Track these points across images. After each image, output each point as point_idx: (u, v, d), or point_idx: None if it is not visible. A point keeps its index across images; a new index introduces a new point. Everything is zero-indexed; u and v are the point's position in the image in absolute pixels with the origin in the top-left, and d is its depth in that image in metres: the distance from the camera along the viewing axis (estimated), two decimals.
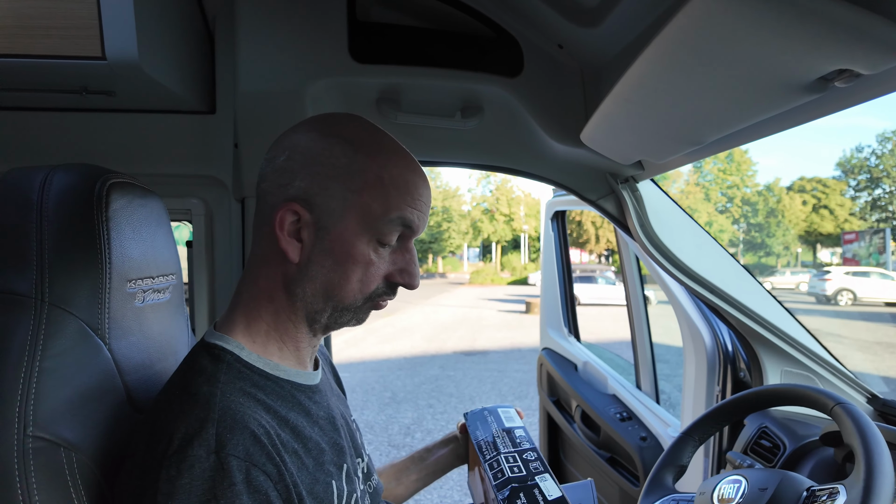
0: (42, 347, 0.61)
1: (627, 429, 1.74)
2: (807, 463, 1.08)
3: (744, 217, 38.10)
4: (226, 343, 0.66)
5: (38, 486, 0.56)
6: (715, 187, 38.75)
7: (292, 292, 0.68)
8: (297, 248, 0.66)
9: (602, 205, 1.33)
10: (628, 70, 0.75)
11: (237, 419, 0.58)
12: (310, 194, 0.65)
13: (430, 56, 1.12)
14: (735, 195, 38.29)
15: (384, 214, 0.66)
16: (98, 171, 0.71)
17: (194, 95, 1.15)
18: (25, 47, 0.90)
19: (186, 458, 0.54)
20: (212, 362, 0.64)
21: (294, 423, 0.65)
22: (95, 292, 0.66)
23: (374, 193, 0.66)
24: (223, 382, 0.62)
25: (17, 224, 0.65)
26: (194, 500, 0.53)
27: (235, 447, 0.56)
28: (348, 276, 0.67)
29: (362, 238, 0.66)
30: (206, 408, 0.58)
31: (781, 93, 0.63)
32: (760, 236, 37.37)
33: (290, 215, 0.65)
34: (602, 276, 20.04)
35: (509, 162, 1.33)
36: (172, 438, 0.56)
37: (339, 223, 0.66)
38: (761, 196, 37.93)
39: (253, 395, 0.63)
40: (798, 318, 1.32)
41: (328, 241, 0.66)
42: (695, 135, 0.86)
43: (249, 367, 0.65)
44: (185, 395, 0.60)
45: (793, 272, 28.95)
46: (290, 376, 0.69)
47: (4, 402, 0.57)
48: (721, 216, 37.73)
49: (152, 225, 0.79)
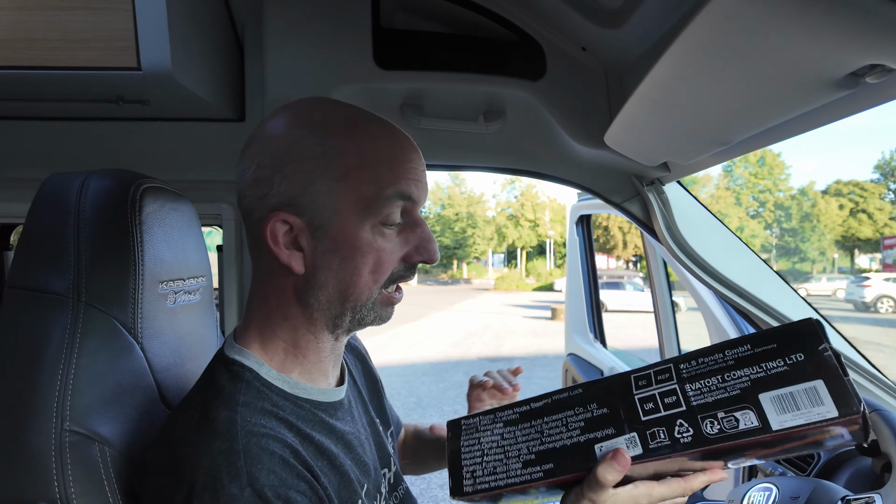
0: (79, 345, 0.63)
1: None
2: (843, 473, 1.04)
3: (777, 222, 37.09)
4: (245, 359, 0.64)
5: (74, 478, 0.58)
6: (746, 191, 37.85)
7: (306, 304, 0.64)
8: (300, 257, 0.62)
9: (627, 207, 1.31)
10: (652, 70, 0.75)
11: (262, 446, 0.55)
12: (293, 197, 0.60)
13: (452, 61, 1.13)
14: (767, 199, 37.33)
15: (379, 194, 0.61)
16: (132, 177, 0.74)
17: (225, 104, 1.18)
18: (67, 59, 0.94)
19: (220, 497, 0.52)
20: (230, 381, 0.61)
21: (319, 442, 0.63)
22: (129, 293, 0.68)
23: (360, 175, 0.60)
24: (242, 405, 0.59)
25: (57, 227, 0.68)
26: None
27: (268, 476, 0.54)
28: (359, 270, 0.62)
29: (363, 226, 0.61)
30: (229, 438, 0.55)
31: (810, 90, 0.62)
32: (794, 241, 36.31)
33: (280, 225, 0.61)
34: (630, 282, 19.74)
35: (532, 165, 1.32)
36: (196, 472, 0.53)
37: (334, 217, 0.61)
38: (795, 200, 36.88)
39: (275, 413, 0.61)
40: (836, 325, 1.28)
41: (328, 240, 0.61)
42: (721, 134, 0.85)
43: (268, 386, 0.63)
44: (204, 422, 0.57)
45: (829, 278, 28.04)
46: (311, 395, 0.66)
47: (43, 397, 0.59)
48: (753, 221, 36.81)
49: (183, 228, 0.81)
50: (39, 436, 0.58)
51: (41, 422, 0.58)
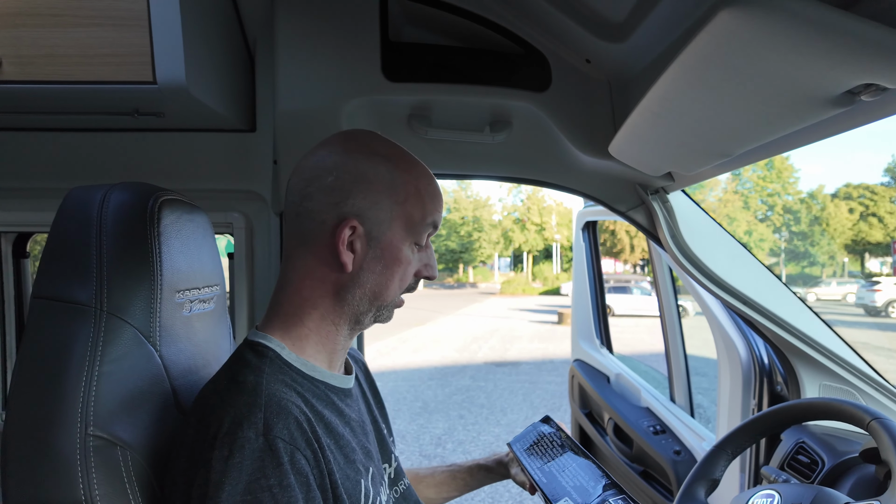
0: (101, 353, 0.66)
1: (661, 442, 1.72)
2: (847, 480, 1.05)
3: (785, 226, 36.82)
4: (268, 342, 0.72)
5: (98, 481, 0.60)
6: (755, 195, 37.62)
7: (342, 298, 0.74)
8: (352, 258, 0.73)
9: (632, 216, 1.33)
10: (655, 84, 0.77)
11: (282, 405, 0.63)
12: (363, 209, 0.72)
13: (459, 73, 1.16)
14: (776, 203, 37.07)
15: (422, 220, 0.76)
16: (150, 190, 0.76)
17: (236, 115, 1.21)
18: (86, 74, 0.97)
19: (237, 440, 0.59)
20: (256, 357, 0.70)
21: (328, 420, 0.70)
22: (148, 302, 0.71)
23: (414, 203, 0.75)
24: (267, 373, 0.67)
25: (80, 239, 0.70)
26: (245, 477, 0.58)
27: (281, 431, 0.61)
28: (393, 277, 0.75)
29: (406, 242, 0.75)
30: (254, 394, 0.63)
31: (807, 107, 0.64)
32: (803, 245, 36.03)
33: (348, 230, 0.72)
34: (637, 286, 19.66)
35: (538, 174, 1.34)
36: (223, 422, 0.61)
37: (388, 232, 0.74)
38: (804, 204, 36.61)
39: (294, 388, 0.68)
40: (846, 330, 1.29)
41: (379, 248, 0.74)
42: (722, 148, 0.86)
43: (288, 366, 0.71)
44: (233, 384, 0.66)
45: (839, 282, 27.78)
46: (325, 378, 0.75)
47: (68, 403, 0.62)
48: (761, 225, 36.56)
49: (198, 239, 0.84)
50: (65, 440, 0.60)
51: (67, 427, 0.61)
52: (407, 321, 16.08)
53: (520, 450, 1.12)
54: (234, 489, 0.57)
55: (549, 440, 1.13)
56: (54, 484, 0.59)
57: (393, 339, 12.37)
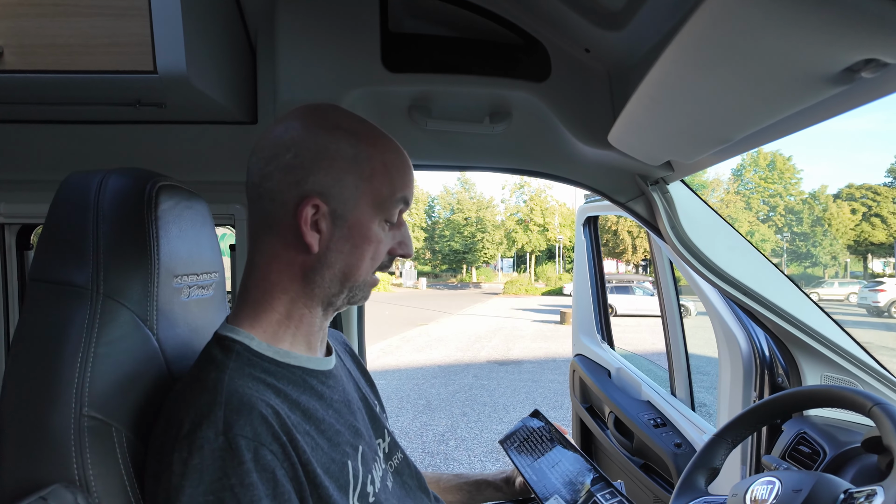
0: (97, 335, 0.66)
1: (661, 435, 1.71)
2: (848, 470, 1.05)
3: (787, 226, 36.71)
4: (236, 334, 0.70)
5: (92, 461, 0.60)
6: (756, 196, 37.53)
7: (310, 280, 0.72)
8: (317, 238, 0.70)
9: (632, 207, 1.33)
10: (652, 70, 0.77)
11: (244, 401, 0.61)
12: (325, 187, 0.69)
13: (459, 64, 1.16)
14: (778, 204, 36.98)
15: (391, 196, 0.73)
16: (148, 175, 0.76)
17: (238, 107, 1.21)
18: (88, 63, 0.97)
19: (196, 440, 0.58)
20: (222, 352, 0.68)
21: (306, 406, 0.68)
22: (145, 286, 0.71)
23: (381, 178, 0.72)
24: (231, 369, 0.65)
25: (77, 222, 0.70)
26: (206, 479, 0.56)
27: (242, 428, 0.59)
28: (363, 257, 0.73)
29: (375, 220, 0.72)
30: (214, 392, 0.61)
31: (807, 86, 0.63)
32: (806, 246, 35.92)
33: (310, 209, 0.69)
34: (639, 286, 19.63)
35: (538, 165, 1.34)
36: (182, 423, 0.59)
37: (355, 210, 0.71)
38: (806, 204, 36.50)
39: (262, 379, 0.66)
40: (849, 331, 1.28)
41: (346, 227, 0.71)
42: (722, 133, 0.86)
43: (259, 356, 0.69)
44: (196, 383, 0.64)
45: (841, 283, 27.70)
46: (302, 363, 0.72)
47: (63, 383, 0.62)
48: (763, 225, 36.47)
49: (197, 225, 0.84)
50: (60, 420, 0.60)
51: (62, 407, 0.61)
52: (410, 321, 16.09)
53: (510, 448, 1.13)
54: (195, 490, 0.56)
55: (538, 435, 1.14)
56: (49, 463, 0.59)
57: (396, 339, 12.37)
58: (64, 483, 0.59)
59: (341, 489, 0.67)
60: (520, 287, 32.92)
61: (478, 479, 1.12)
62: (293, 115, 0.73)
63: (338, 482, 0.66)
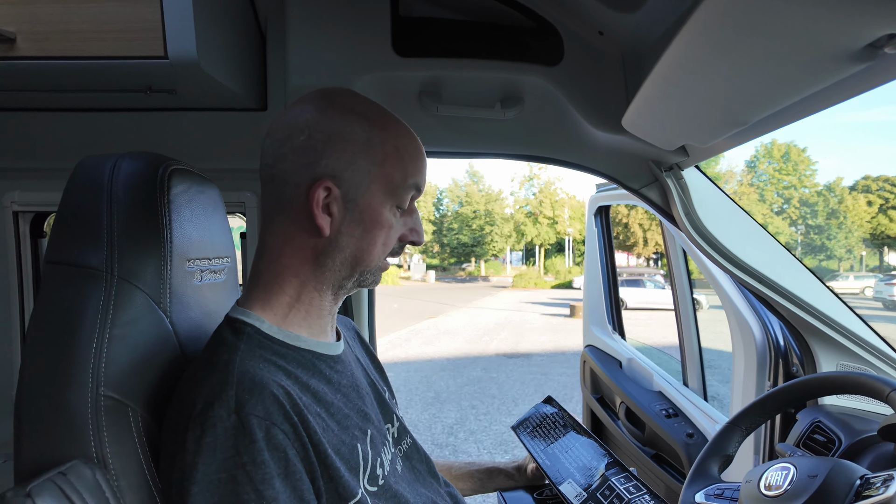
0: (112, 316, 0.66)
1: (673, 425, 1.70)
2: (864, 458, 1.03)
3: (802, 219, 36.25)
4: (246, 317, 0.70)
5: (109, 439, 0.61)
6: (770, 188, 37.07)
7: (322, 264, 0.72)
8: (328, 221, 0.70)
9: (645, 193, 1.31)
10: (667, 51, 0.75)
11: (256, 381, 0.61)
12: (337, 170, 0.69)
13: (470, 48, 1.15)
14: (792, 196, 36.50)
15: (403, 181, 0.72)
16: (160, 159, 0.77)
17: (248, 94, 1.21)
18: (100, 49, 0.98)
19: (209, 419, 0.58)
20: (233, 334, 0.68)
21: (315, 389, 0.68)
22: (158, 269, 0.71)
23: (393, 163, 0.71)
24: (243, 351, 0.65)
25: (91, 205, 0.71)
26: (219, 456, 0.57)
27: (254, 407, 0.59)
28: (375, 242, 0.72)
29: (386, 205, 0.72)
30: (226, 372, 0.62)
31: (827, 64, 0.62)
32: (820, 239, 35.46)
33: (322, 191, 0.69)
34: (651, 279, 19.50)
35: (550, 151, 1.33)
36: (195, 403, 0.60)
37: (367, 194, 0.71)
38: (821, 196, 36.00)
39: (273, 361, 0.67)
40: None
41: (357, 211, 0.71)
42: (739, 115, 0.85)
43: (269, 339, 0.69)
44: (207, 364, 0.65)
45: (857, 276, 27.37)
46: (311, 346, 0.73)
47: (80, 364, 0.62)
48: (777, 218, 36.04)
49: (209, 210, 0.84)
50: (77, 399, 0.61)
51: (79, 386, 0.62)
52: (419, 314, 16.13)
53: (523, 433, 1.13)
54: (208, 469, 0.57)
55: (551, 421, 1.13)
56: (66, 441, 0.60)
57: (405, 331, 12.41)
58: (83, 459, 0.59)
59: (352, 471, 0.67)
60: (529, 280, 32.84)
61: (489, 467, 1.12)
62: (308, 98, 0.73)
63: (348, 464, 0.67)
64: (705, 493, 0.94)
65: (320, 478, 0.63)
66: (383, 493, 0.71)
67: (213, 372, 0.62)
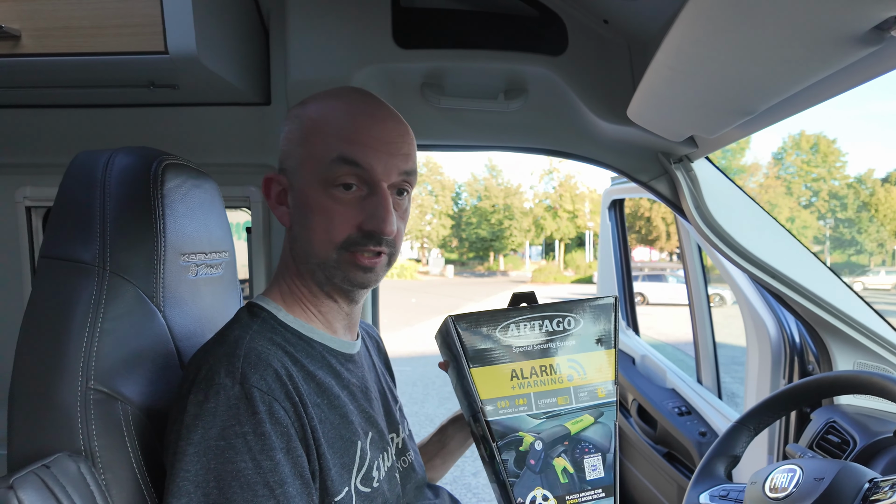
0: (103, 310, 0.66)
1: (686, 423, 1.67)
2: (879, 461, 0.99)
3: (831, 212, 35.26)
4: (265, 304, 0.72)
5: (98, 432, 0.62)
6: (798, 180, 36.12)
7: (295, 256, 0.73)
8: (285, 211, 0.72)
9: (654, 186, 1.28)
10: (669, 35, 0.72)
11: (261, 357, 0.62)
12: (282, 160, 0.72)
13: (472, 39, 1.13)
14: (821, 188, 35.52)
15: (325, 157, 0.66)
16: (154, 153, 0.77)
17: (251, 88, 1.21)
18: (101, 45, 0.98)
19: (213, 385, 0.59)
20: (249, 316, 0.70)
21: (321, 381, 0.68)
22: (151, 263, 0.72)
23: (314, 139, 0.68)
24: (255, 331, 0.67)
25: (84, 200, 0.71)
26: (219, 422, 0.57)
27: (259, 381, 0.60)
28: (314, 228, 0.68)
29: (315, 186, 0.67)
30: (234, 346, 0.63)
31: (833, 48, 0.59)
32: (850, 233, 34.46)
33: (275, 185, 0.72)
34: (673, 274, 19.19)
35: (555, 144, 1.30)
36: (200, 368, 0.61)
37: (299, 178, 0.69)
38: (851, 189, 34.95)
39: (282, 346, 0.67)
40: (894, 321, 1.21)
41: (295, 197, 0.70)
42: (746, 103, 0.81)
43: (283, 326, 0.70)
44: (219, 337, 0.67)
45: (888, 271, 26.56)
46: (324, 340, 0.73)
47: (70, 357, 0.63)
48: (805, 211, 35.13)
49: (206, 205, 0.84)
50: (67, 393, 0.62)
51: (68, 380, 0.62)
52: (436, 308, 16.16)
53: None
54: (206, 433, 0.57)
55: None
56: (56, 433, 0.61)
57: (422, 326, 12.45)
58: (68, 452, 0.60)
59: (344, 466, 0.66)
60: (548, 275, 32.62)
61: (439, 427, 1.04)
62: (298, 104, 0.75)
63: (342, 459, 0.66)
64: (710, 494, 0.91)
65: (316, 461, 0.63)
66: (376, 496, 0.70)
67: (222, 344, 0.64)
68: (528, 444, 0.72)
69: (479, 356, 0.74)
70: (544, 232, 41.56)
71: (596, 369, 0.77)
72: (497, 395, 0.72)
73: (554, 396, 0.75)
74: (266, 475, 0.57)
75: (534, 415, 0.73)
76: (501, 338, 0.75)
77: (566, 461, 0.73)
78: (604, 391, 0.76)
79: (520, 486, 0.71)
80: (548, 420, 0.74)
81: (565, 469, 0.73)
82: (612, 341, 0.78)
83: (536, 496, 0.71)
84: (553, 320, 0.77)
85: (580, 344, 0.77)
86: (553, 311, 0.78)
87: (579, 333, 0.77)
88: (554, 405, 0.74)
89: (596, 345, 0.77)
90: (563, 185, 40.60)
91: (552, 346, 0.76)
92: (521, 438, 0.72)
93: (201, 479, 0.56)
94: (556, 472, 0.72)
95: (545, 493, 0.71)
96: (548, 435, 0.73)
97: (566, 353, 0.76)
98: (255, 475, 0.56)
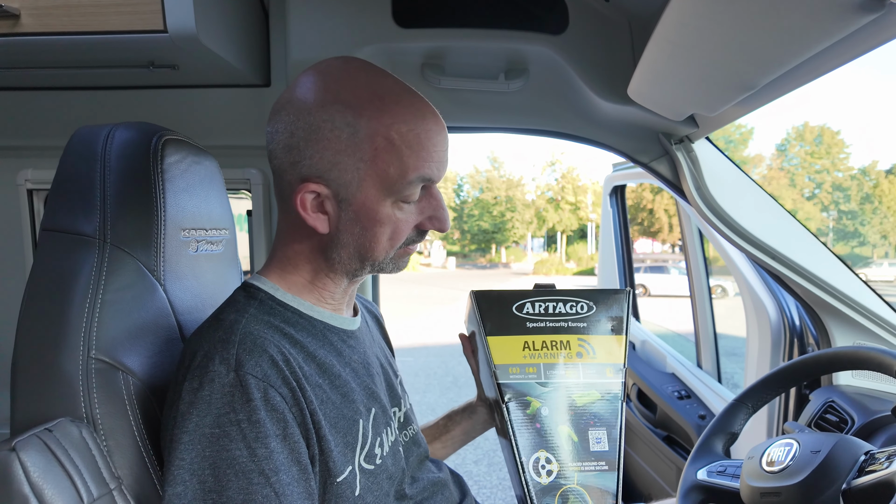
0: (104, 282, 0.67)
1: (686, 407, 1.68)
2: (877, 438, 1.00)
3: (834, 203, 35.11)
4: (262, 284, 0.70)
5: (100, 400, 0.62)
6: (801, 172, 35.94)
7: (329, 257, 0.70)
8: (325, 220, 0.67)
9: (655, 167, 1.27)
10: (667, 10, 0.72)
11: (256, 343, 0.61)
12: (322, 171, 0.64)
13: (472, 17, 1.12)
14: (824, 180, 35.34)
15: (402, 177, 0.65)
16: (154, 129, 0.77)
17: (251, 69, 1.21)
18: (100, 24, 0.98)
19: (207, 373, 0.58)
20: (245, 297, 0.69)
21: (322, 360, 0.68)
22: (151, 236, 0.72)
23: (387, 158, 0.64)
24: (251, 314, 0.65)
25: (85, 173, 0.72)
26: (214, 411, 0.57)
27: (253, 367, 0.59)
28: (378, 238, 0.68)
29: (384, 202, 0.66)
30: (229, 331, 0.62)
31: (833, 16, 0.58)
32: (853, 224, 34.33)
33: (308, 195, 0.65)
34: (675, 265, 19.15)
35: (556, 125, 1.30)
36: (196, 354, 0.61)
37: (359, 194, 0.65)
38: (855, 180, 34.77)
39: (280, 328, 0.66)
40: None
41: (352, 210, 0.66)
42: (745, 78, 0.81)
43: (282, 305, 0.69)
44: (214, 321, 0.65)
45: (892, 263, 26.49)
46: (325, 318, 0.73)
47: (72, 327, 0.63)
48: (808, 203, 34.99)
49: (206, 181, 0.84)
50: (68, 361, 0.62)
51: (70, 349, 0.63)
52: (438, 300, 16.19)
53: None
54: (201, 421, 0.57)
55: None
56: (58, 401, 0.61)
57: (424, 317, 12.48)
58: (71, 418, 0.61)
59: (348, 446, 0.66)
60: (550, 267, 32.60)
61: (449, 413, 1.04)
62: (296, 82, 0.67)
63: (345, 438, 0.66)
64: (707, 470, 0.92)
65: (315, 445, 0.63)
66: (380, 472, 0.71)
67: (217, 329, 0.63)
68: (535, 408, 0.78)
69: (495, 326, 0.83)
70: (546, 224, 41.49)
71: (606, 352, 0.82)
72: (509, 362, 0.80)
73: (563, 369, 0.81)
74: (261, 462, 0.57)
75: (542, 383, 0.80)
76: (517, 313, 0.83)
77: (570, 430, 0.77)
78: (612, 371, 0.81)
79: (525, 447, 0.76)
80: (556, 391, 0.79)
81: (570, 436, 0.77)
82: (624, 329, 0.84)
83: (540, 457, 0.76)
84: (567, 304, 0.84)
85: (591, 327, 0.84)
86: (568, 295, 0.85)
87: (591, 318, 0.84)
88: (562, 377, 0.81)
89: (607, 330, 0.83)
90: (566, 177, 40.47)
91: (564, 326, 0.83)
92: (528, 402, 0.78)
93: (196, 466, 0.56)
94: (560, 438, 0.77)
95: (549, 455, 0.76)
96: (554, 402, 0.79)
97: (577, 334, 0.83)
98: (249, 462, 0.56)
